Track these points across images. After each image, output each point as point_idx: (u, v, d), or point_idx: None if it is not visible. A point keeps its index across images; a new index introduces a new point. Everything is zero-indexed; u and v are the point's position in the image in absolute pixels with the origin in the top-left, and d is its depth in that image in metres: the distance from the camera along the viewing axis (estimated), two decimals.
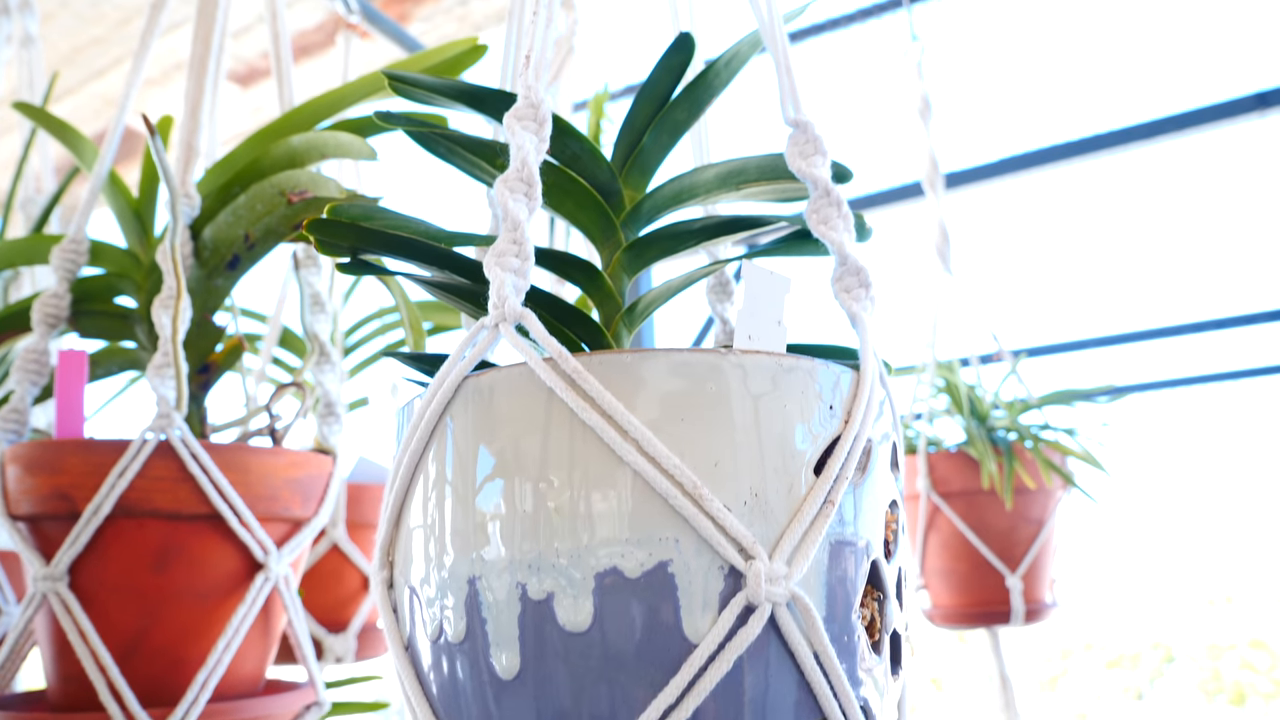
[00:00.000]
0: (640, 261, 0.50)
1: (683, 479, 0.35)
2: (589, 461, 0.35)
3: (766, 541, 0.35)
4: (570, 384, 0.36)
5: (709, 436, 0.36)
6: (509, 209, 0.39)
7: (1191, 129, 1.60)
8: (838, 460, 0.38)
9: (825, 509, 0.37)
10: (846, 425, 0.39)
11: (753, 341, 0.42)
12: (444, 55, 0.66)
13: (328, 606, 1.07)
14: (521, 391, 0.37)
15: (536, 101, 0.41)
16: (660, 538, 0.35)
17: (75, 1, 1.97)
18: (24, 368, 0.67)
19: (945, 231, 1.48)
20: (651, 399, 0.36)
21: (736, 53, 0.51)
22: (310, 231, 0.41)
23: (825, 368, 0.39)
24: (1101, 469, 1.28)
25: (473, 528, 0.37)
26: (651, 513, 0.35)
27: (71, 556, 0.60)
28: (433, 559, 0.38)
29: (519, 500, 0.36)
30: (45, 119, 0.75)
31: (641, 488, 0.35)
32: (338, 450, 0.75)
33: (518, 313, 0.38)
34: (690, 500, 0.35)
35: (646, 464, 0.35)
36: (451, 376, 0.38)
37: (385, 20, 1.77)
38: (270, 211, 0.63)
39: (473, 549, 0.37)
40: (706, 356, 0.37)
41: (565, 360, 0.36)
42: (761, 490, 0.36)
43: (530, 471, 0.36)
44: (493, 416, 0.37)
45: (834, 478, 0.37)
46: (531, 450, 0.36)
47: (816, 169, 0.43)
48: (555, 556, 0.35)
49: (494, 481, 0.37)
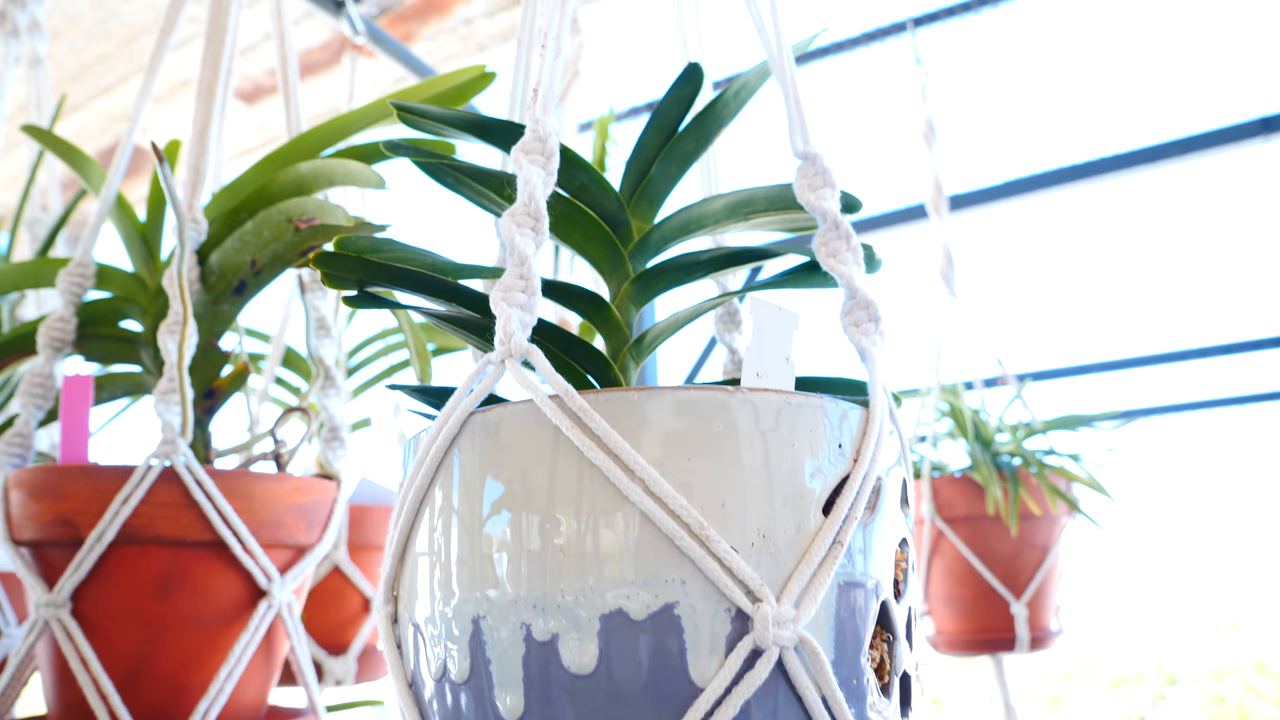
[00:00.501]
0: (648, 293, 0.50)
1: (689, 520, 0.34)
2: (595, 500, 0.35)
3: (774, 583, 0.35)
4: (576, 422, 0.36)
5: (716, 476, 0.35)
6: (515, 244, 0.39)
7: (1196, 153, 1.61)
8: (847, 500, 0.37)
9: (834, 550, 0.36)
10: (856, 464, 0.38)
11: (761, 379, 0.42)
12: (452, 82, 0.67)
13: (328, 628, 1.06)
14: (528, 428, 0.37)
15: (544, 135, 0.41)
16: (666, 579, 0.34)
17: (83, 20, 1.98)
18: (29, 391, 0.67)
19: (949, 255, 1.48)
20: (658, 437, 0.36)
21: (745, 83, 0.51)
22: (317, 265, 0.41)
23: (834, 405, 0.39)
24: (1108, 496, 1.27)
25: (478, 566, 0.36)
26: (657, 554, 0.34)
27: (74, 583, 0.60)
28: (437, 596, 0.38)
29: (524, 539, 0.36)
30: (53, 142, 0.75)
31: (647, 528, 0.35)
32: (342, 475, 0.75)
33: (524, 349, 0.38)
34: (697, 541, 0.34)
35: (653, 504, 0.35)
36: (458, 412, 0.38)
37: (390, 40, 1.78)
38: (277, 238, 0.63)
39: (477, 587, 0.36)
40: (714, 394, 0.36)
41: (571, 398, 0.36)
42: (769, 531, 0.36)
43: (536, 510, 0.36)
44: (499, 453, 0.37)
45: (843, 517, 0.37)
46: (537, 488, 0.36)
47: (825, 201, 0.43)
48: (560, 596, 0.35)
49: (499, 519, 0.36)
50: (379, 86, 2.15)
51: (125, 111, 2.26)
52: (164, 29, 0.74)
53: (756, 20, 0.46)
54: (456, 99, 0.67)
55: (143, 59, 2.09)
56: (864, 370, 0.43)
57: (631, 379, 0.48)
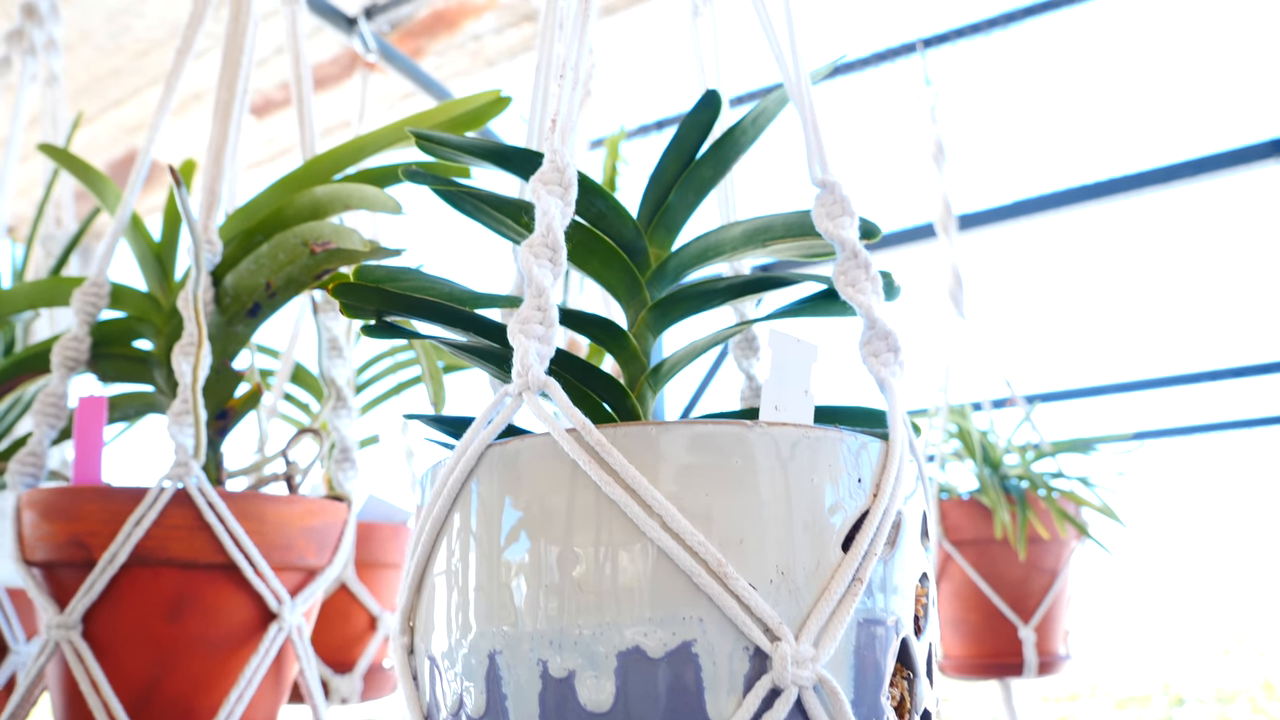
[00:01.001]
0: (666, 320, 0.50)
1: (707, 556, 0.34)
2: (613, 535, 0.35)
3: (793, 621, 0.35)
4: (594, 456, 0.36)
5: (735, 512, 0.35)
6: (533, 275, 0.39)
7: (1206, 175, 1.60)
8: (866, 535, 0.37)
9: (854, 587, 0.36)
10: (875, 498, 0.38)
11: (779, 412, 0.41)
12: (467, 106, 0.67)
13: (335, 646, 1.06)
14: (545, 462, 0.37)
15: (562, 165, 0.41)
16: (684, 616, 0.34)
17: (96, 34, 1.99)
18: (43, 411, 0.67)
19: (959, 275, 1.48)
20: (676, 472, 0.35)
21: (763, 110, 0.51)
22: (336, 295, 0.41)
23: (853, 439, 0.38)
24: (1119, 522, 1.27)
25: (494, 600, 0.36)
26: (675, 590, 0.34)
27: (86, 605, 0.60)
28: (454, 629, 0.38)
29: (542, 574, 0.36)
30: (68, 160, 0.75)
31: (665, 565, 0.34)
32: (352, 496, 0.75)
33: (541, 381, 0.38)
34: (715, 579, 0.34)
35: (670, 540, 0.34)
36: (475, 444, 0.38)
37: (400, 57, 1.79)
38: (293, 261, 0.63)
39: (494, 621, 0.36)
40: (732, 429, 0.36)
41: (589, 432, 0.36)
42: (788, 568, 0.35)
43: (553, 544, 0.36)
44: (516, 486, 0.37)
45: (863, 554, 0.37)
46: (555, 522, 0.36)
47: (844, 230, 0.43)
48: (577, 633, 0.35)
49: (517, 554, 0.36)
50: (387, 101, 2.16)
51: (137, 124, 2.27)
52: (181, 49, 0.74)
53: (775, 49, 0.46)
54: (472, 122, 0.67)
55: (155, 72, 2.10)
56: (881, 398, 0.43)
57: (649, 408, 0.48)
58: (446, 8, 1.93)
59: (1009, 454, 1.38)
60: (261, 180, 2.40)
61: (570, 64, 0.42)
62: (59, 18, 1.04)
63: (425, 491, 0.42)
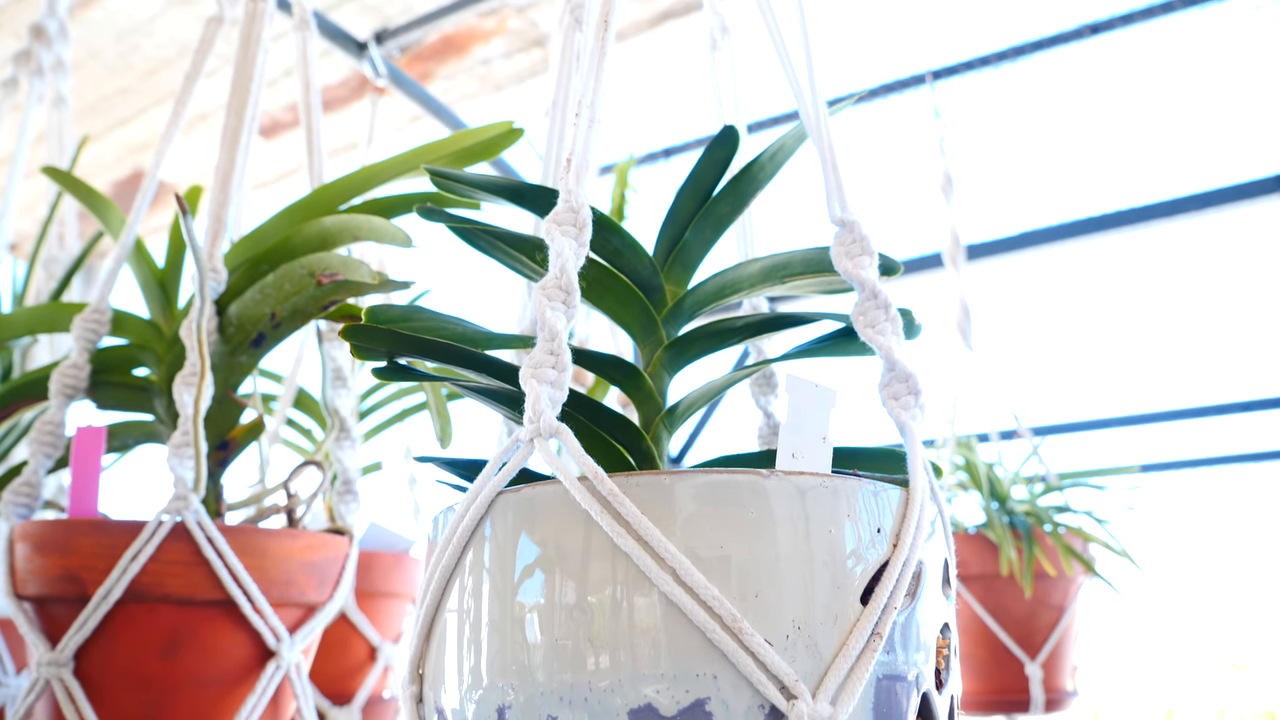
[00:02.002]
0: (682, 360, 0.49)
1: (721, 611, 0.33)
2: (626, 589, 0.34)
3: (810, 678, 0.33)
4: (606, 506, 0.34)
5: (751, 564, 0.34)
6: (546, 318, 0.38)
7: (1212, 208, 1.60)
8: (886, 588, 0.36)
9: (873, 642, 0.35)
10: (895, 549, 0.37)
11: (797, 460, 0.40)
12: (480, 137, 0.66)
13: (333, 677, 1.04)
14: (557, 511, 0.35)
15: (577, 206, 0.40)
16: (698, 673, 0.33)
17: (104, 53, 1.99)
18: (40, 439, 0.66)
19: (966, 307, 1.47)
20: (690, 522, 0.34)
21: (781, 146, 0.50)
22: (346, 338, 0.40)
23: (872, 486, 0.37)
24: (1131, 561, 1.25)
25: (505, 653, 0.35)
26: (689, 646, 0.33)
27: (78, 642, 0.59)
28: (465, 681, 0.36)
29: (553, 627, 0.34)
30: (73, 184, 0.75)
31: (678, 619, 0.33)
32: (354, 530, 0.73)
33: (553, 427, 0.36)
34: (729, 634, 0.33)
35: (684, 594, 0.33)
36: (485, 491, 0.37)
37: (409, 81, 1.79)
38: (299, 291, 0.62)
39: (504, 676, 0.35)
40: (749, 478, 0.35)
41: (601, 481, 0.35)
42: (805, 622, 0.34)
43: (565, 598, 0.34)
44: (527, 536, 0.36)
45: (882, 607, 0.35)
46: (567, 574, 0.35)
47: (863, 270, 0.42)
48: (588, 689, 0.33)
49: (528, 604, 0.35)
50: (395, 124, 2.16)
51: (143, 143, 2.27)
52: (189, 74, 0.74)
53: (794, 86, 0.45)
54: (484, 153, 0.66)
55: (162, 92, 2.11)
56: (896, 435, 0.42)
57: (664, 449, 0.47)
58: (456, 32, 1.93)
59: (1016, 486, 1.36)
60: (268, 200, 2.40)
61: (586, 103, 0.41)
62: (68, 40, 1.04)
63: (437, 534, 0.40)
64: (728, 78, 0.67)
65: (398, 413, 1.22)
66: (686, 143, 1.94)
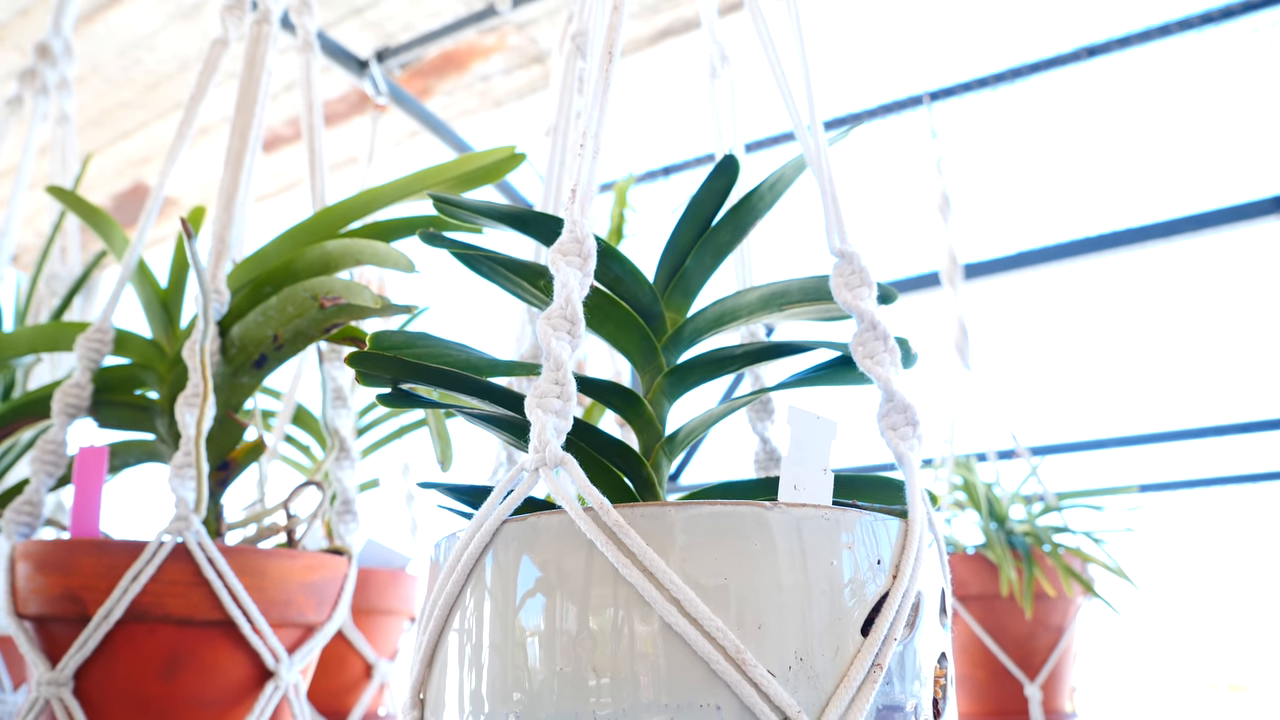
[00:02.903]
0: (682, 387, 0.49)
1: (725, 642, 0.33)
2: (630, 619, 0.34)
3: (812, 709, 0.34)
4: (611, 537, 0.35)
5: (753, 595, 0.34)
6: (551, 348, 0.38)
7: (1209, 229, 1.61)
8: (886, 619, 0.36)
9: (873, 673, 0.35)
10: (895, 580, 0.37)
11: (799, 492, 0.40)
12: (482, 161, 0.66)
13: (329, 694, 1.04)
14: (561, 541, 0.36)
15: (582, 236, 0.41)
16: (701, 704, 0.33)
17: (106, 66, 2.00)
18: (41, 459, 0.66)
19: (964, 328, 1.48)
20: (694, 554, 0.35)
21: (781, 176, 0.51)
22: (352, 365, 0.40)
23: (872, 519, 0.38)
24: (1130, 582, 1.25)
25: (508, 681, 0.35)
26: (692, 677, 0.33)
27: (78, 661, 0.59)
28: (466, 708, 0.37)
29: (557, 657, 0.34)
30: (77, 204, 0.75)
31: (682, 650, 0.33)
32: (353, 549, 0.73)
33: (558, 457, 0.37)
34: (733, 665, 0.33)
35: (688, 625, 0.33)
36: (490, 520, 0.37)
37: (408, 98, 1.79)
38: (301, 314, 0.62)
39: (507, 704, 0.35)
40: (752, 510, 0.35)
41: (606, 512, 0.35)
42: (807, 654, 0.34)
43: (569, 627, 0.35)
44: (531, 565, 0.36)
45: (882, 638, 0.36)
46: (571, 604, 0.35)
47: (862, 301, 0.43)
48: (591, 718, 0.34)
49: (532, 633, 0.35)
50: (394, 138, 2.17)
51: (144, 156, 2.28)
52: (194, 95, 0.74)
53: (794, 118, 0.45)
54: (487, 177, 0.67)
55: (163, 106, 2.11)
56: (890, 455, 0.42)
57: (664, 476, 0.47)
58: (456, 49, 1.94)
59: (1014, 506, 1.36)
60: (268, 214, 2.40)
61: (591, 133, 0.41)
62: (72, 58, 1.04)
63: (441, 560, 0.41)
64: (727, 105, 0.67)
65: (395, 430, 1.23)
66: (686, 161, 1.94)
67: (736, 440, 0.64)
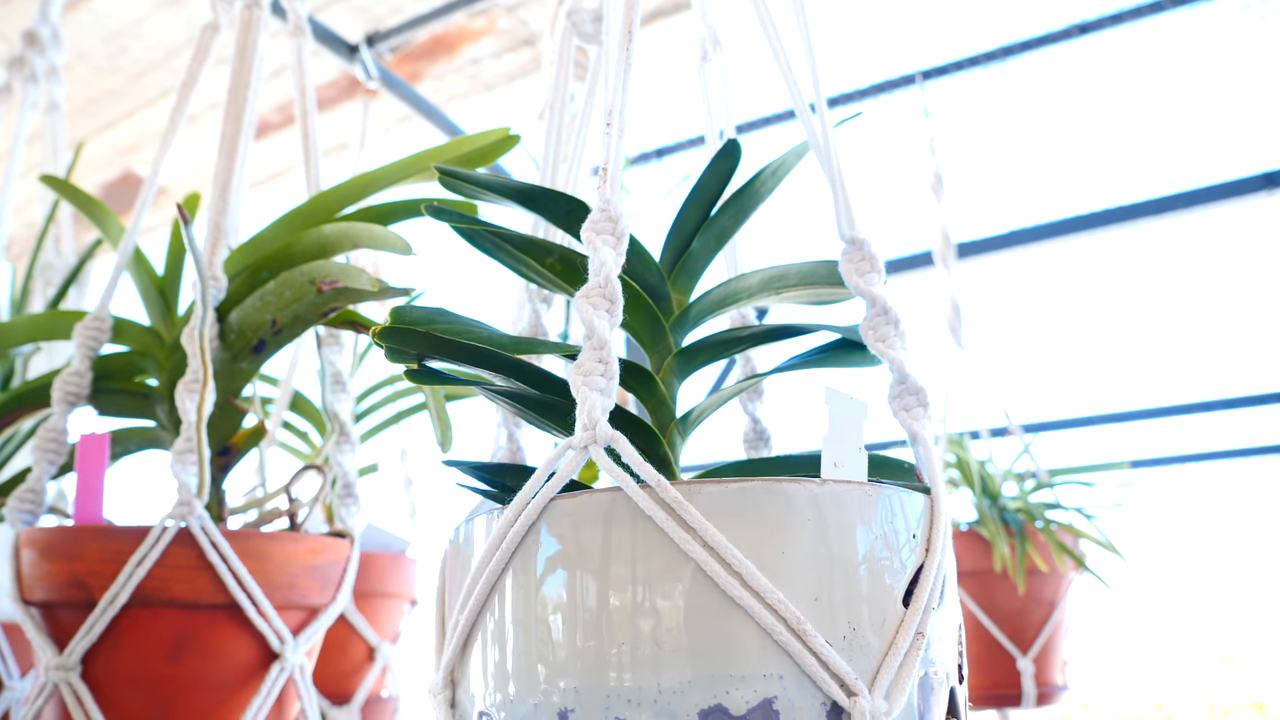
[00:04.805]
0: (691, 367, 0.49)
1: (786, 614, 0.34)
2: (693, 593, 0.35)
3: (865, 677, 0.35)
4: (670, 513, 0.35)
5: (808, 569, 0.35)
6: (594, 325, 0.38)
7: (1200, 206, 1.61)
8: (924, 589, 0.37)
9: (917, 641, 0.37)
10: (929, 554, 0.38)
11: (838, 469, 0.41)
12: (477, 144, 0.66)
13: (332, 678, 1.05)
14: (615, 517, 0.36)
15: (615, 216, 0.41)
16: (765, 674, 0.34)
17: (93, 54, 1.98)
18: (43, 447, 0.66)
19: (957, 307, 1.48)
20: (752, 530, 0.35)
21: (783, 163, 0.51)
22: (380, 340, 0.41)
23: (908, 495, 0.39)
24: (1121, 557, 1.27)
25: (567, 657, 0.36)
26: (756, 648, 0.34)
27: (85, 646, 0.59)
28: (518, 686, 0.37)
29: (620, 631, 0.35)
30: (71, 192, 0.75)
31: (745, 622, 0.34)
32: (355, 532, 0.74)
33: (609, 435, 0.37)
34: (795, 636, 0.34)
35: (751, 599, 0.34)
36: (537, 499, 0.37)
37: (399, 82, 1.79)
38: (299, 299, 0.62)
39: (564, 678, 0.35)
40: (803, 487, 0.36)
41: (664, 489, 0.35)
42: (858, 624, 0.36)
43: (631, 603, 0.35)
44: (587, 543, 0.36)
45: (922, 608, 0.37)
46: (630, 580, 0.35)
47: (873, 286, 0.44)
48: (657, 691, 0.34)
49: (592, 610, 0.35)
50: (385, 124, 2.15)
51: (132, 145, 2.26)
52: (185, 83, 0.74)
53: (799, 104, 0.46)
54: (482, 159, 0.67)
55: (151, 94, 2.10)
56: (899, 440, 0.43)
57: (679, 455, 0.47)
58: (446, 32, 1.93)
59: (1007, 483, 1.37)
60: (258, 201, 2.39)
61: (616, 112, 0.41)
62: (60, 46, 1.03)
63: (473, 541, 0.40)
64: (718, 89, 0.67)
65: (393, 415, 1.23)
66: (679, 143, 1.94)
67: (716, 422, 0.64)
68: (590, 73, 0.57)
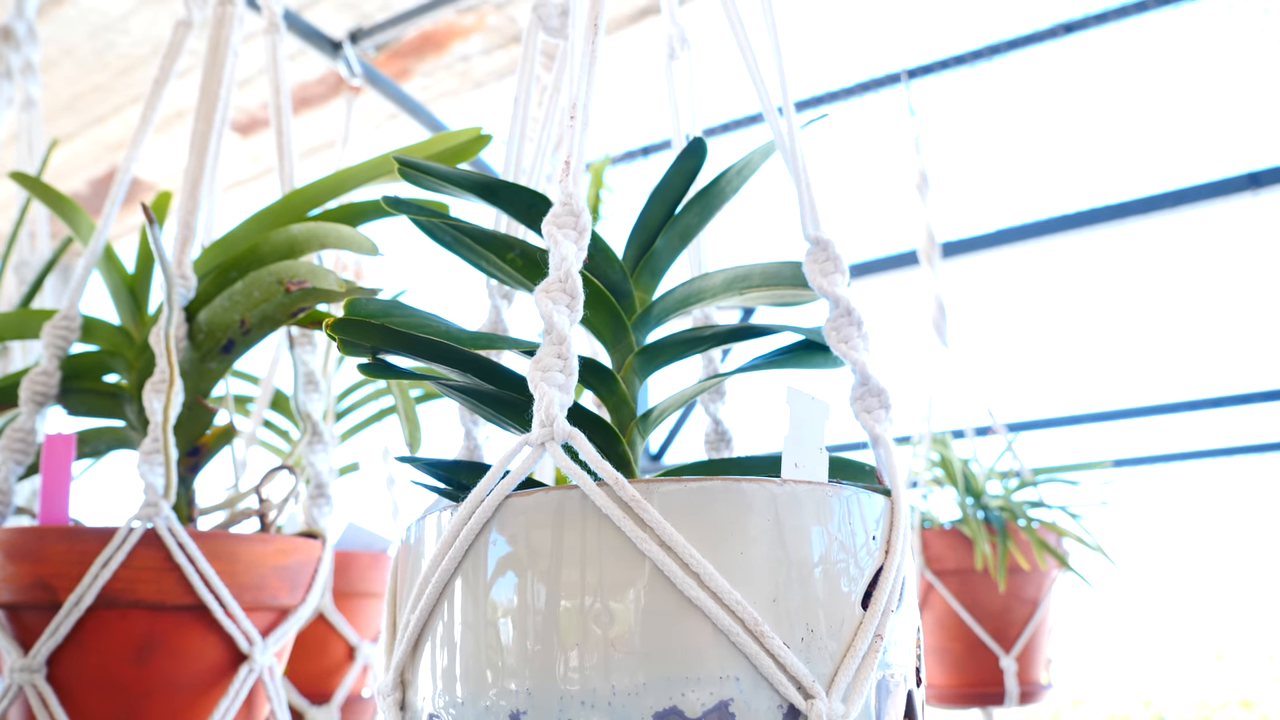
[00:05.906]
0: (652, 365, 0.49)
1: (744, 615, 0.34)
2: (649, 594, 0.34)
3: (822, 679, 0.35)
4: (628, 512, 0.35)
5: (768, 571, 0.35)
6: (553, 320, 0.38)
7: (1186, 205, 1.61)
8: (883, 592, 0.37)
9: (875, 643, 0.36)
10: (888, 556, 0.38)
11: (799, 470, 0.41)
12: (450, 142, 0.66)
13: (311, 677, 1.04)
14: (571, 516, 0.35)
15: (578, 209, 0.41)
16: (721, 676, 0.34)
17: (78, 50, 1.97)
18: (10, 447, 0.65)
19: (942, 306, 1.48)
20: (709, 530, 0.35)
21: (748, 162, 0.51)
22: (333, 332, 0.40)
23: (867, 496, 0.38)
24: (1105, 556, 1.27)
25: (519, 659, 0.35)
26: (712, 650, 0.34)
27: (50, 648, 0.58)
28: (468, 689, 0.36)
29: (571, 632, 0.34)
30: (42, 190, 0.74)
31: (702, 623, 0.34)
32: (327, 533, 0.73)
33: (566, 432, 0.37)
34: (752, 638, 0.34)
35: (709, 599, 0.34)
36: (492, 496, 0.37)
37: (385, 80, 1.78)
38: (268, 299, 0.62)
39: (517, 679, 0.35)
40: (763, 487, 0.36)
41: (622, 487, 0.35)
42: (816, 626, 0.35)
43: (585, 603, 0.35)
44: (540, 542, 0.36)
45: (881, 610, 0.37)
46: (584, 580, 0.35)
47: (837, 287, 0.43)
48: (610, 694, 0.34)
49: (545, 611, 0.35)
50: (373, 121, 2.15)
51: (119, 141, 2.25)
52: (158, 79, 0.73)
53: (766, 104, 0.45)
54: (455, 158, 0.66)
55: (138, 90, 2.08)
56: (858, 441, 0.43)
57: (639, 454, 0.47)
58: (434, 29, 1.92)
59: (990, 481, 1.37)
60: (245, 198, 2.38)
61: (580, 105, 0.41)
62: (36, 42, 1.03)
63: (424, 541, 0.40)
64: (686, 88, 0.67)
65: (375, 413, 1.22)
66: (666, 141, 1.94)
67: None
68: (556, 67, 0.56)
